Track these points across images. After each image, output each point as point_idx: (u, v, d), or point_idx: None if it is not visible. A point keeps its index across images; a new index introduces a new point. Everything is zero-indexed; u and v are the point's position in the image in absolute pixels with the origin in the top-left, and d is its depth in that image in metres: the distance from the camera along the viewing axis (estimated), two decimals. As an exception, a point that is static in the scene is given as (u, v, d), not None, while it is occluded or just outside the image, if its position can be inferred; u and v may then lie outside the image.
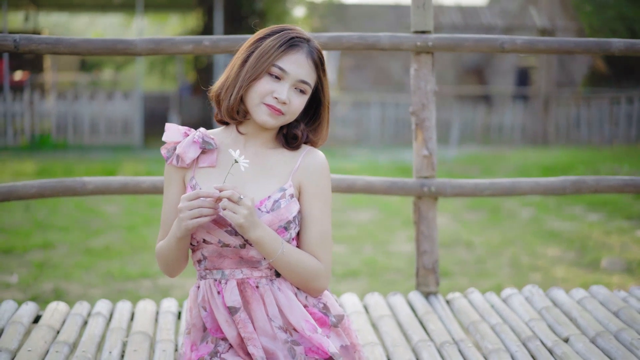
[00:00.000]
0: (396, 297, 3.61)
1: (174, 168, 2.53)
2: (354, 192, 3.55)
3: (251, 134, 2.52)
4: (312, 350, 2.44)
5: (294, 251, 2.44)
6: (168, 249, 2.47)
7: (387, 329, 3.25)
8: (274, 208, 2.42)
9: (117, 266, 7.05)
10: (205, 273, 2.49)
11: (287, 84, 2.43)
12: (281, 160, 2.52)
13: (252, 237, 2.34)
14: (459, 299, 3.57)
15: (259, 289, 2.45)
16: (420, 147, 3.54)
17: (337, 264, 7.21)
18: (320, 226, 2.50)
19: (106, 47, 3.38)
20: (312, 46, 2.48)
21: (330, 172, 2.59)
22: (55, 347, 3.00)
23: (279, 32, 2.47)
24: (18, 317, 3.30)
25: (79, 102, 17.24)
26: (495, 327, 3.24)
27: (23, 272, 6.80)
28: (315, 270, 2.47)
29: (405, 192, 3.57)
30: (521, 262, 7.29)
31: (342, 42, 3.46)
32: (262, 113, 2.43)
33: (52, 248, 7.82)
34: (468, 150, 16.63)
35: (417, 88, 3.51)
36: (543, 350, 3.01)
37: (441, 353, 3.03)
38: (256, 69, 2.42)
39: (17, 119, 16.92)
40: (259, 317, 2.44)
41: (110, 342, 3.09)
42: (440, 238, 8.26)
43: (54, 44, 3.34)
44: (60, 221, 9.11)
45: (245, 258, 2.44)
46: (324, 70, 2.52)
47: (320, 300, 2.54)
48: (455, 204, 10.37)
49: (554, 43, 3.49)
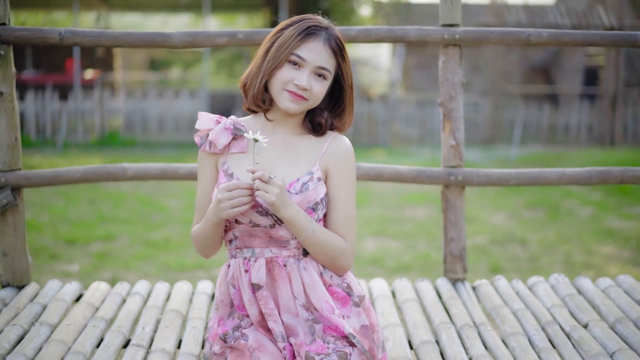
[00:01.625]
0: (423, 282, 3.72)
1: (207, 154, 2.67)
2: (383, 180, 3.66)
3: (278, 120, 2.65)
4: (331, 328, 2.56)
5: (322, 230, 2.56)
6: (205, 233, 2.60)
7: (410, 311, 3.36)
8: (302, 190, 2.54)
9: (175, 258, 7.24)
10: (236, 252, 2.63)
11: (307, 71, 2.55)
12: (308, 145, 2.65)
13: (285, 216, 2.46)
14: (485, 286, 3.65)
15: (287, 268, 2.58)
16: (448, 137, 3.63)
17: (390, 259, 7.30)
18: (344, 208, 2.62)
19: (145, 39, 3.55)
20: (330, 33, 2.60)
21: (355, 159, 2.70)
22: (93, 322, 3.19)
23: (297, 22, 2.60)
24: (61, 294, 3.50)
25: (147, 100, 17.58)
26: (517, 312, 3.32)
27: (84, 262, 7.05)
28: (341, 249, 2.59)
29: (432, 180, 3.66)
30: (575, 259, 7.28)
31: (371, 35, 3.58)
32: (285, 99, 2.56)
33: (114, 240, 8.07)
34: (532, 150, 16.52)
35: (444, 80, 3.61)
36: (561, 334, 3.09)
37: (460, 335, 3.13)
38: (277, 59, 2.55)
39: (87, 116, 17.36)
40: (284, 294, 2.57)
41: (145, 318, 3.26)
42: (495, 235, 8.31)
43: (97, 37, 3.52)
44: (123, 214, 9.37)
45: (274, 237, 2.57)
46: (343, 56, 2.63)
47: (344, 280, 2.66)
48: (516, 202, 10.37)
49: (579, 36, 3.55)
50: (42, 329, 3.11)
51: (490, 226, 8.90)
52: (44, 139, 16.77)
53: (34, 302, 3.42)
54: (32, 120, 16.83)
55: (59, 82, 19.22)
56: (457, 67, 3.60)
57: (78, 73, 18.55)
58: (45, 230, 8.33)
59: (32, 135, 16.72)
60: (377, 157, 14.48)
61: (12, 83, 3.52)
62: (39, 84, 18.90)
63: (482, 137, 17.97)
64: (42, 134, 16.99)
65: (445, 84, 3.61)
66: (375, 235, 8.45)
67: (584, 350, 2.93)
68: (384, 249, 7.81)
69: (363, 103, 18.42)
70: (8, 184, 3.55)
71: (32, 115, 16.83)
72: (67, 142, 16.47)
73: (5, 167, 3.55)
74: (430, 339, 3.07)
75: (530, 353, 2.92)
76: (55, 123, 17.06)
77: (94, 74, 21.01)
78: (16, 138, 3.56)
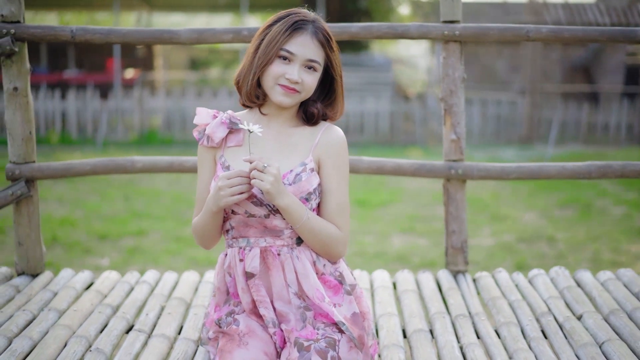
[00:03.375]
0: (425, 274, 3.79)
1: (206, 148, 2.77)
2: (384, 173, 3.73)
3: (272, 114, 2.74)
4: (322, 315, 2.64)
5: (317, 219, 2.64)
6: (204, 224, 2.70)
7: (408, 302, 3.44)
8: (295, 181, 2.62)
9: (204, 253, 7.37)
10: (232, 242, 2.72)
11: (297, 65, 2.63)
12: (302, 137, 2.73)
13: (280, 204, 2.55)
14: (485, 278, 3.71)
15: (280, 257, 2.66)
16: (449, 131, 3.70)
17: (416, 256, 7.36)
18: (337, 197, 2.70)
19: (153, 36, 3.66)
20: (317, 26, 2.67)
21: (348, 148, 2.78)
22: (99, 309, 3.31)
23: (284, 18, 2.67)
24: (72, 283, 3.64)
25: (185, 99, 17.75)
26: (513, 303, 3.38)
27: (115, 256, 7.21)
28: (335, 237, 2.67)
29: (433, 174, 3.73)
30: (602, 257, 7.27)
31: (372, 32, 3.65)
32: (278, 94, 2.65)
33: (145, 235, 8.23)
34: (570, 149, 16.42)
35: (445, 75, 3.68)
36: (553, 324, 3.15)
37: (454, 324, 3.19)
38: (267, 55, 2.63)
39: (127, 115, 17.59)
40: (277, 282, 2.66)
41: (149, 305, 3.38)
42: (523, 233, 8.33)
43: (107, 34, 3.64)
44: (156, 211, 9.53)
45: (269, 227, 2.65)
46: (331, 47, 2.70)
47: (337, 269, 2.74)
48: (548, 201, 10.35)
49: (578, 32, 3.59)
50: (50, 314, 3.24)
51: (520, 224, 8.91)
52: (85, 137, 17.03)
53: (46, 290, 3.55)
54: (73, 119, 17.10)
55: (100, 81, 19.52)
56: (457, 63, 3.66)
57: (119, 73, 18.83)
58: (80, 226, 8.52)
59: (73, 133, 16.98)
60: (412, 156, 14.50)
61: (27, 79, 3.65)
62: (80, 84, 19.22)
63: (520, 136, 17.90)
64: (83, 133, 17.25)
65: (446, 80, 3.68)
66: (403, 233, 8.50)
67: (574, 340, 2.98)
68: (411, 246, 7.87)
69: (400, 102, 18.45)
70: (22, 175, 3.69)
71: (73, 114, 17.09)
72: (107, 140, 16.71)
73: (20, 160, 3.69)
74: (424, 328, 3.14)
75: (520, 342, 2.98)
76: (95, 122, 17.31)
77: (134, 73, 21.30)
78: (30, 132, 3.69)
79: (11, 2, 3.56)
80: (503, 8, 22.29)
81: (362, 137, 17.18)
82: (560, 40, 3.58)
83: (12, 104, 3.64)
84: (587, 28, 3.59)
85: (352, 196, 10.18)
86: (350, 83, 18.30)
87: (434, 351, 2.96)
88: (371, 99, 17.68)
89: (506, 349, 2.96)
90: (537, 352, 2.90)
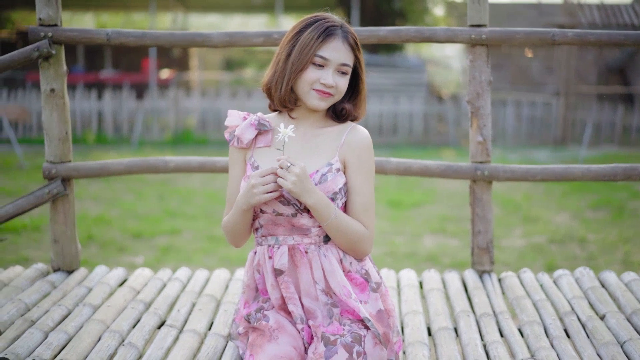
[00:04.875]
0: (451, 274, 3.85)
1: (236, 149, 2.86)
2: (411, 174, 3.80)
3: (301, 117, 2.82)
4: (348, 311, 2.72)
5: (344, 217, 2.72)
6: (234, 222, 2.79)
7: (433, 300, 3.50)
8: (321, 181, 2.70)
9: (236, 252, 7.46)
10: (262, 240, 2.81)
11: (331, 69, 2.72)
12: (328, 138, 2.81)
13: (309, 203, 2.63)
14: (510, 278, 3.77)
15: (308, 254, 2.74)
16: (475, 133, 3.75)
17: (447, 256, 7.40)
18: (363, 196, 2.77)
19: (186, 39, 3.77)
20: (346, 30, 2.76)
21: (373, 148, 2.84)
22: (132, 304, 3.41)
23: (314, 24, 2.75)
24: (106, 279, 3.74)
25: (220, 99, 17.92)
26: (537, 302, 3.43)
27: (149, 255, 7.33)
28: (362, 235, 2.75)
29: (460, 175, 3.79)
30: (633, 259, 7.27)
31: (400, 35, 3.72)
32: (313, 98, 2.73)
33: (179, 234, 8.34)
34: (604, 150, 16.35)
35: (472, 78, 3.73)
36: (576, 324, 3.19)
37: (478, 323, 3.25)
38: (301, 61, 2.71)
39: (162, 115, 17.79)
40: (304, 279, 2.74)
41: (181, 302, 3.48)
42: (554, 234, 8.34)
43: (141, 37, 3.75)
44: (190, 210, 9.65)
45: (296, 226, 2.73)
46: (359, 49, 2.79)
47: (363, 267, 2.81)
48: (580, 203, 10.34)
49: (604, 36, 3.63)
50: (84, 309, 3.34)
51: (552, 226, 8.92)
52: (121, 136, 17.24)
53: (81, 285, 3.66)
54: (109, 118, 17.32)
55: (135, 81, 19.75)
56: (484, 66, 3.72)
57: (154, 73, 19.04)
58: (115, 224, 8.65)
59: (109, 133, 17.20)
60: (446, 157, 14.53)
61: (64, 80, 3.76)
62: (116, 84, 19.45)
63: (555, 138, 17.86)
64: (119, 132, 17.47)
65: (473, 82, 3.73)
66: (434, 233, 8.55)
67: (596, 339, 3.03)
68: (442, 247, 7.91)
69: (433, 103, 18.47)
70: (59, 175, 3.80)
71: (109, 114, 17.32)
72: (143, 140, 16.91)
73: (56, 159, 3.81)
74: (449, 326, 3.20)
75: (542, 340, 3.03)
76: (131, 121, 17.53)
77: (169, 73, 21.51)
78: (66, 132, 3.80)
79: (49, 6, 3.68)
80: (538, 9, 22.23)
81: (396, 138, 17.23)
82: (585, 44, 3.63)
83: (49, 104, 3.75)
84: (612, 32, 3.63)
85: (385, 197, 10.24)
86: (384, 84, 18.35)
87: (458, 349, 3.03)
88: (405, 100, 17.72)
89: (529, 347, 3.01)
90: (559, 351, 2.95)
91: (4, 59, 3.68)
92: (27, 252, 7.19)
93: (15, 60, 3.68)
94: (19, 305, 3.35)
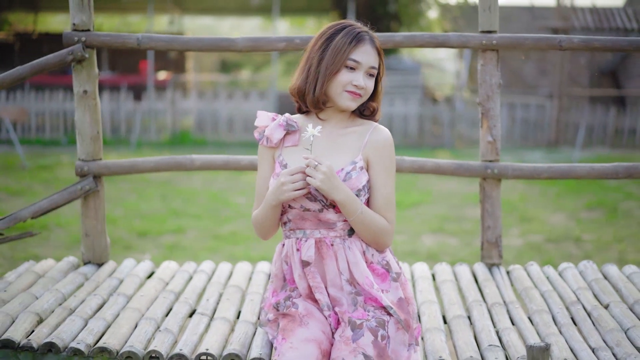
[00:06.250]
0: (462, 267, 4.06)
1: (265, 148, 3.05)
2: (425, 172, 4.01)
3: (328, 118, 3.02)
4: (371, 299, 2.92)
5: (369, 212, 2.91)
6: (264, 216, 2.98)
7: (447, 290, 3.72)
8: (346, 178, 2.90)
9: (241, 250, 7.65)
10: (290, 233, 3.00)
11: (362, 72, 2.93)
12: (352, 137, 3.00)
13: (337, 199, 2.83)
14: (518, 270, 3.98)
15: (334, 247, 2.94)
16: (486, 133, 3.96)
17: (447, 255, 7.59)
18: (385, 193, 2.97)
19: (213, 44, 3.97)
20: (372, 35, 2.98)
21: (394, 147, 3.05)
22: (163, 294, 3.62)
23: (344, 29, 2.94)
24: (136, 271, 3.95)
25: (217, 100, 18.07)
26: (545, 293, 3.64)
27: (155, 253, 7.50)
28: (384, 229, 2.95)
29: (470, 173, 4.00)
30: (627, 257, 7.46)
31: (415, 41, 3.94)
32: (346, 99, 2.93)
33: (184, 233, 8.52)
34: (596, 152, 16.59)
35: (483, 81, 3.95)
36: (582, 312, 3.41)
37: (490, 312, 3.47)
38: (335, 65, 2.91)
39: (159, 116, 17.94)
40: (330, 270, 2.94)
41: (209, 292, 3.69)
42: (550, 234, 8.55)
43: (170, 42, 3.96)
44: (194, 210, 9.82)
45: (323, 220, 2.93)
46: (382, 53, 3.00)
47: (384, 258, 3.01)
48: (575, 203, 10.55)
49: (608, 42, 3.85)
50: (119, 298, 3.55)
51: (548, 226, 9.13)
52: (119, 137, 17.39)
53: (112, 277, 3.86)
54: (107, 119, 17.45)
55: (133, 83, 19.87)
56: (494, 70, 3.93)
57: (152, 74, 19.19)
58: (120, 223, 8.82)
59: (107, 134, 17.32)
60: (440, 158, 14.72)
61: (95, 82, 3.97)
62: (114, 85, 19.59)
63: (548, 140, 18.08)
64: (116, 133, 17.61)
65: (483, 85, 3.95)
66: (433, 233, 8.75)
67: (601, 326, 3.24)
68: (442, 245, 8.10)
69: (428, 105, 18.68)
70: (90, 172, 4.00)
71: (107, 115, 17.45)
72: (141, 141, 17.05)
73: (88, 157, 4.00)
74: (463, 314, 3.41)
75: (552, 328, 3.24)
76: (129, 122, 17.69)
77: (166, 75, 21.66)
78: (98, 131, 4.01)
79: (82, 12, 3.88)
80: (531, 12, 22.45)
81: (391, 140, 17.34)
82: (590, 49, 3.85)
83: (82, 105, 3.95)
84: (617, 38, 3.86)
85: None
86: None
87: (472, 334, 3.24)
88: (400, 102, 17.93)
89: (539, 334, 3.23)
90: (567, 337, 3.16)
91: (39, 62, 3.88)
92: (36, 250, 7.36)
93: (50, 63, 3.88)
94: (57, 294, 3.55)
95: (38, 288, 3.63)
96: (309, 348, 2.78)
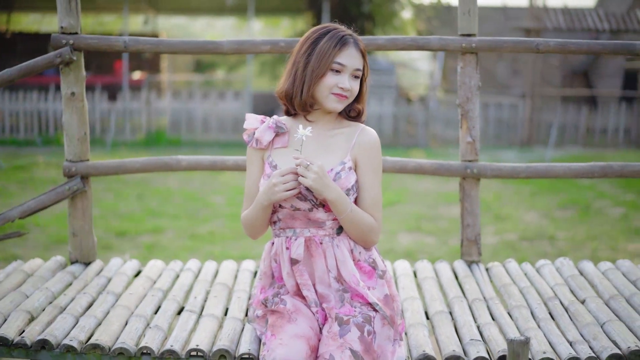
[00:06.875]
0: (442, 264, 4.17)
1: (254, 150, 3.13)
2: (406, 172, 4.11)
3: (316, 119, 3.10)
4: (358, 296, 3.01)
5: (358, 210, 3.01)
6: (254, 216, 3.05)
7: (428, 287, 3.82)
8: (335, 179, 2.99)
9: (220, 249, 7.71)
10: (280, 232, 3.09)
11: (347, 75, 3.01)
12: (340, 139, 3.09)
13: (329, 198, 2.91)
14: (497, 267, 4.09)
15: (322, 245, 3.03)
16: (465, 134, 4.07)
17: (423, 253, 7.69)
18: (372, 192, 3.06)
19: (198, 47, 4.05)
20: (356, 38, 3.06)
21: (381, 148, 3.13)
22: (152, 292, 3.70)
23: (328, 33, 3.03)
24: (123, 269, 4.02)
25: (192, 100, 18.09)
26: (523, 289, 3.75)
27: (134, 252, 7.53)
28: (371, 226, 3.04)
29: (451, 173, 4.10)
30: (600, 255, 7.59)
31: (397, 44, 4.03)
32: (332, 101, 3.02)
33: (162, 233, 8.58)
34: (568, 151, 16.78)
35: (462, 83, 4.05)
36: (559, 307, 3.52)
37: (471, 307, 3.57)
38: (320, 68, 2.99)
39: (134, 116, 17.93)
40: (319, 268, 3.03)
41: (196, 290, 3.77)
42: (525, 232, 8.68)
43: (156, 45, 4.03)
44: (171, 209, 9.87)
45: (312, 219, 3.02)
46: (366, 55, 3.09)
47: (370, 256, 3.10)
48: (549, 202, 10.69)
49: (583, 45, 3.97)
50: (108, 297, 3.62)
51: (522, 224, 9.26)
52: (94, 138, 17.28)
53: (100, 276, 3.93)
54: (82, 119, 17.39)
55: (108, 83, 19.85)
56: (473, 72, 4.03)
57: (126, 74, 19.17)
58: (97, 223, 8.82)
59: (82, 134, 17.26)
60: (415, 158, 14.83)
61: (83, 85, 4.03)
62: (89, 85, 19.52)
63: (521, 139, 18.26)
64: (92, 133, 17.55)
65: (463, 87, 4.05)
66: (409, 231, 8.85)
67: (578, 320, 3.35)
68: (418, 244, 8.20)
69: (402, 105, 18.80)
70: (78, 172, 4.06)
71: (82, 115, 17.38)
72: (116, 141, 17.02)
73: (76, 158, 4.07)
74: (444, 310, 3.51)
75: (530, 322, 3.35)
76: (104, 122, 17.66)
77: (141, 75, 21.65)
78: (85, 132, 4.07)
79: (70, 15, 3.94)
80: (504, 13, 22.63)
81: (366, 139, 17.42)
82: (566, 52, 3.97)
83: (70, 107, 4.02)
84: (591, 42, 3.98)
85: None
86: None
87: (454, 329, 3.33)
88: (375, 102, 18.03)
89: (518, 328, 3.33)
90: (545, 331, 3.27)
91: (27, 65, 3.94)
92: (15, 250, 7.39)
93: (39, 65, 3.94)
94: (47, 293, 3.61)
95: (28, 287, 3.69)
96: (298, 344, 2.86)
